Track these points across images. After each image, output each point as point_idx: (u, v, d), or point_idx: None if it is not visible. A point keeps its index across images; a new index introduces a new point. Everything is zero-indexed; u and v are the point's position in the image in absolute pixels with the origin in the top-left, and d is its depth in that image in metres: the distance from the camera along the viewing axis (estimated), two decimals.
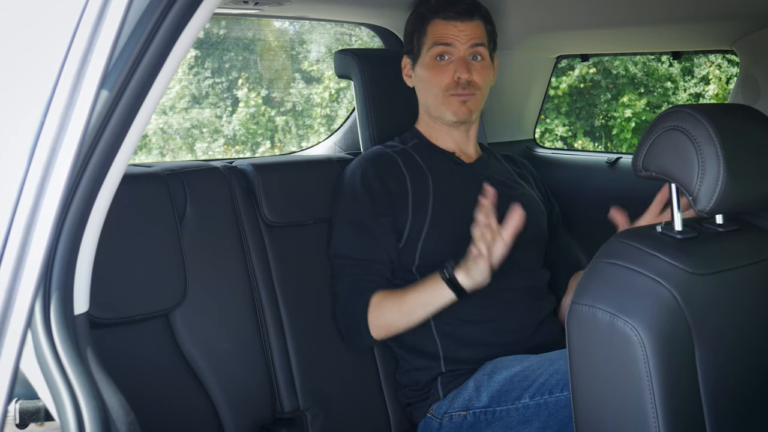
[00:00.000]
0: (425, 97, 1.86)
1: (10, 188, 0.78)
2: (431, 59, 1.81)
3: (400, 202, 1.76)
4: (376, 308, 1.70)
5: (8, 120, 0.81)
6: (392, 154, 1.84)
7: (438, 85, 1.81)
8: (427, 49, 1.82)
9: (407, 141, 1.89)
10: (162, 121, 7.30)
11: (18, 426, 0.85)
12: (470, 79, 1.78)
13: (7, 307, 0.77)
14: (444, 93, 1.81)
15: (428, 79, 1.82)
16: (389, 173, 1.79)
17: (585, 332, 1.18)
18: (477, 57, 1.82)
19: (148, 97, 0.86)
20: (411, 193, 1.77)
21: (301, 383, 1.74)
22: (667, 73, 8.23)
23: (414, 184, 1.78)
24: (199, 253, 1.66)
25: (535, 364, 1.61)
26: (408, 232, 1.76)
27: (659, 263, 1.15)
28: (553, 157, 2.46)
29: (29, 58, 0.81)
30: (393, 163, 1.82)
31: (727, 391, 1.17)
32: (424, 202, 1.77)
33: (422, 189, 1.78)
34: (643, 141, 1.23)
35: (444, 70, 1.80)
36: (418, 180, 1.79)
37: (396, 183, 1.78)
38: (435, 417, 1.72)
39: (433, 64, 1.81)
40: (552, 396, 1.54)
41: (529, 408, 1.57)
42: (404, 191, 1.77)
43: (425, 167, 1.82)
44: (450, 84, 1.80)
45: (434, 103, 1.84)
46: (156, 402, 1.55)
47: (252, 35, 7.44)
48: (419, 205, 1.76)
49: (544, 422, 1.55)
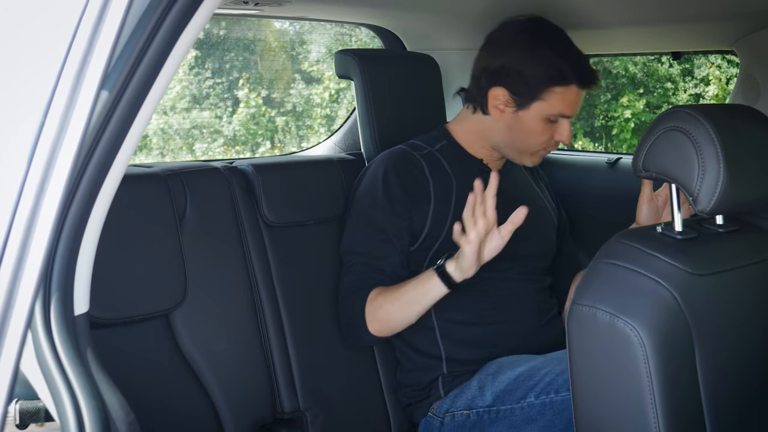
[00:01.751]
0: (516, 140, 1.77)
1: (11, 189, 0.78)
2: (544, 118, 1.71)
3: (420, 208, 1.73)
4: (373, 301, 1.68)
5: (8, 120, 0.81)
6: (418, 157, 1.78)
7: (538, 142, 1.75)
8: (548, 108, 1.70)
9: (435, 142, 1.83)
10: (162, 121, 7.30)
11: (18, 426, 0.84)
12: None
13: (7, 308, 0.77)
14: (539, 147, 1.76)
15: (531, 133, 1.74)
16: (412, 177, 1.75)
17: (585, 332, 1.18)
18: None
19: (148, 97, 0.86)
20: (433, 200, 1.74)
21: (301, 383, 1.74)
22: (667, 74, 8.23)
23: (437, 190, 1.75)
24: (199, 254, 1.66)
25: (540, 364, 1.61)
26: (424, 237, 1.74)
27: (659, 264, 1.15)
28: (553, 157, 2.46)
29: (29, 58, 0.81)
30: (417, 166, 1.77)
31: (727, 391, 1.17)
32: (444, 211, 1.73)
33: (445, 196, 1.75)
34: (643, 141, 1.24)
35: (550, 129, 1.73)
36: (442, 185, 1.75)
37: (418, 188, 1.74)
38: (436, 416, 1.72)
39: (546, 123, 1.72)
40: (558, 395, 1.53)
41: (534, 407, 1.57)
42: (426, 197, 1.74)
43: (451, 172, 1.78)
44: (550, 143, 1.76)
45: (519, 149, 1.78)
46: (156, 402, 1.55)
47: (252, 36, 7.44)
48: (439, 214, 1.73)
49: (549, 421, 1.55)
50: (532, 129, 1.73)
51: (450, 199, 1.75)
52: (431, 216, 1.73)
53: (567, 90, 1.69)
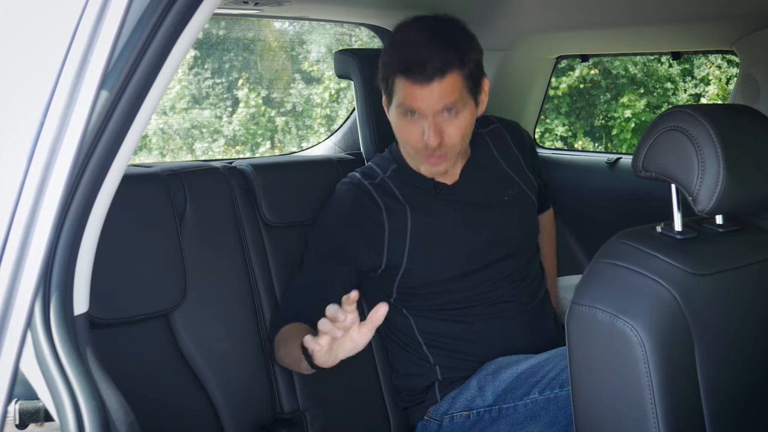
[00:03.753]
0: (399, 142, 1.71)
1: (10, 188, 0.78)
2: (400, 114, 1.62)
3: (373, 242, 1.68)
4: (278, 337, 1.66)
5: (8, 120, 0.81)
6: (369, 187, 1.71)
7: (408, 141, 1.64)
8: (396, 104, 1.62)
9: (387, 167, 1.76)
10: (162, 121, 7.31)
11: (18, 426, 0.84)
12: (442, 141, 1.60)
13: (7, 308, 0.76)
14: (415, 150, 1.64)
15: (398, 130, 1.66)
16: (364, 213, 1.69)
17: (585, 333, 1.18)
18: (452, 111, 1.60)
19: (147, 97, 0.86)
20: (387, 233, 1.68)
21: (300, 384, 1.74)
22: (667, 74, 8.23)
23: (391, 221, 1.68)
24: (198, 254, 1.66)
25: (543, 361, 1.59)
26: (385, 266, 1.70)
27: (659, 264, 1.15)
28: (553, 157, 2.46)
29: (29, 58, 0.81)
30: (370, 196, 1.70)
31: (727, 391, 1.17)
32: (401, 238, 1.68)
33: (399, 224, 1.69)
34: (643, 141, 1.24)
35: (414, 127, 1.61)
36: (396, 217, 1.69)
37: (371, 222, 1.68)
38: (433, 419, 1.71)
39: (402, 119, 1.62)
40: (563, 390, 1.51)
41: (537, 403, 1.55)
42: (381, 230, 1.68)
43: (402, 199, 1.71)
44: (419, 143, 1.62)
45: (407, 152, 1.70)
46: (156, 402, 1.55)
47: (252, 36, 7.44)
48: (396, 241, 1.68)
49: (553, 417, 1.53)
50: (399, 127, 1.65)
51: (405, 229, 1.69)
52: (386, 249, 1.68)
53: (398, 83, 1.59)
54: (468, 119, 1.63)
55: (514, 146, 1.87)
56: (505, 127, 1.90)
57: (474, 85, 1.63)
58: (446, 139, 1.61)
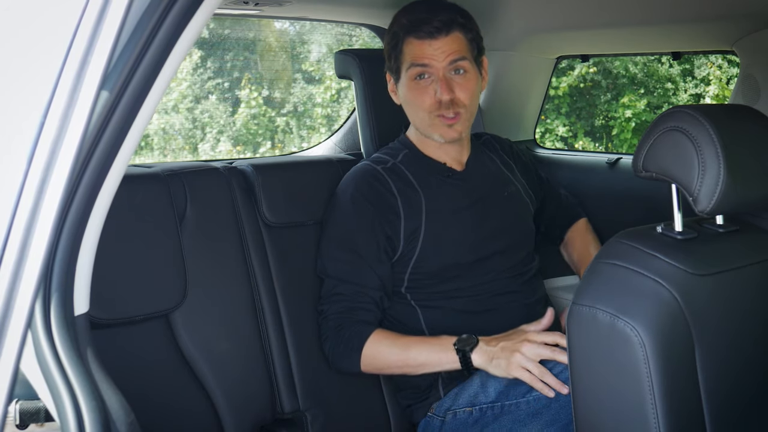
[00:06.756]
0: (412, 116, 1.80)
1: (11, 189, 0.78)
2: (410, 80, 1.74)
3: (391, 224, 1.73)
4: (374, 347, 1.68)
5: (8, 120, 0.81)
6: (382, 172, 1.78)
7: (421, 107, 1.74)
8: (406, 69, 1.75)
9: (397, 153, 1.84)
10: (164, 120, 7.31)
11: (18, 426, 0.85)
12: (453, 98, 1.71)
13: (8, 308, 0.77)
14: (429, 115, 1.74)
15: (411, 100, 1.76)
16: (379, 195, 1.74)
17: (585, 333, 1.18)
18: (459, 71, 1.73)
19: (148, 97, 0.86)
20: (403, 218, 1.73)
21: (301, 384, 1.74)
22: (667, 74, 8.24)
23: (405, 206, 1.74)
24: (199, 254, 1.66)
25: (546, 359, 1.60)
26: (399, 254, 1.74)
27: (659, 264, 1.15)
28: (553, 157, 2.46)
29: (29, 58, 0.81)
30: (383, 183, 1.76)
31: (727, 391, 1.17)
32: (416, 226, 1.73)
33: (414, 211, 1.74)
34: (643, 141, 1.24)
35: (425, 91, 1.73)
36: (410, 201, 1.75)
37: (387, 206, 1.74)
38: (436, 415, 1.72)
39: (414, 85, 1.74)
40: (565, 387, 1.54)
41: (540, 400, 1.56)
42: (396, 214, 1.73)
43: (416, 183, 1.78)
44: (433, 105, 1.72)
45: (421, 124, 1.78)
46: (156, 402, 1.55)
47: (253, 36, 7.45)
48: (411, 226, 1.73)
49: (554, 415, 1.54)
50: (411, 96, 1.75)
51: (420, 213, 1.74)
52: (403, 233, 1.73)
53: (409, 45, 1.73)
54: (474, 82, 1.76)
55: (505, 155, 1.99)
56: (496, 140, 2.03)
57: (477, 53, 1.78)
58: (457, 95, 1.72)
